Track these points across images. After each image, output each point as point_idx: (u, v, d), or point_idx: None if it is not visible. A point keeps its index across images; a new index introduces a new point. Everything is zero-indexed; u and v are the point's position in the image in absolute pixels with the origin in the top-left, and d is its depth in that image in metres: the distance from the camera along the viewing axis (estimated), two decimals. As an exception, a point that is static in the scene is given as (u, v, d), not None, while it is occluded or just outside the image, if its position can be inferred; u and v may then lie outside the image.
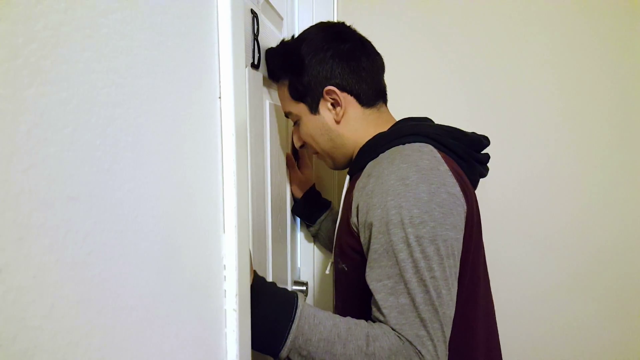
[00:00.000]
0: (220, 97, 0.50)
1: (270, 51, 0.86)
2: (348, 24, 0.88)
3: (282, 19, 1.04)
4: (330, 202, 1.17)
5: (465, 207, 0.70)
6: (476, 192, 0.81)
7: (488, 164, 0.85)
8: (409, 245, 0.64)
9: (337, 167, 0.94)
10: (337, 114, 0.84)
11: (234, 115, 0.51)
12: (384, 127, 0.83)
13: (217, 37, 0.50)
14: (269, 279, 0.86)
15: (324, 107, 0.84)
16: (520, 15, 1.16)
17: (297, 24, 1.18)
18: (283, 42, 0.87)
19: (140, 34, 0.34)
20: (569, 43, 1.15)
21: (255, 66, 0.77)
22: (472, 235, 0.73)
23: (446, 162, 0.71)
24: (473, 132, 0.83)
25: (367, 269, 0.68)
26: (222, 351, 0.52)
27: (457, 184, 0.69)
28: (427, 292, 0.63)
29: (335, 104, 0.83)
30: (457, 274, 0.68)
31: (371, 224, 0.68)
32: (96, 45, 0.29)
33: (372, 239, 0.68)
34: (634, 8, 1.11)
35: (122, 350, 0.32)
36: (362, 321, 0.67)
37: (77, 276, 0.27)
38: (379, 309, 0.65)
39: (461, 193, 0.69)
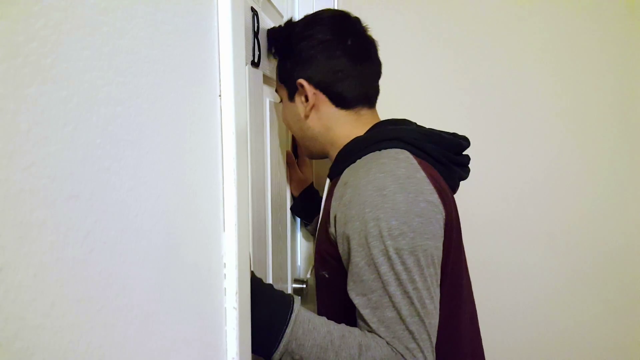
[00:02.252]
0: (220, 95, 0.50)
1: (273, 28, 0.86)
2: (361, 21, 0.84)
3: (282, 16, 1.04)
4: None
5: (444, 214, 0.69)
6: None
7: (469, 166, 0.84)
8: (389, 258, 0.63)
9: (311, 156, 0.94)
10: (305, 108, 0.83)
11: (234, 114, 0.51)
12: (362, 130, 0.81)
13: (217, 35, 0.50)
14: (269, 276, 0.86)
15: (298, 98, 0.84)
16: (519, 15, 1.15)
17: (297, 22, 1.17)
18: (288, 21, 0.86)
19: (141, 32, 0.34)
20: (570, 43, 1.15)
21: (255, 64, 0.77)
22: (452, 241, 0.72)
23: (423, 168, 0.70)
24: (453, 134, 0.82)
25: (350, 283, 0.68)
26: (222, 349, 0.52)
27: (434, 191, 0.68)
28: (412, 304, 0.63)
29: (306, 98, 0.82)
30: (439, 282, 0.68)
31: (349, 237, 0.67)
32: (96, 44, 0.29)
33: (351, 252, 0.67)
34: (634, 8, 1.11)
35: (123, 348, 0.33)
36: (356, 330, 0.67)
37: (77, 275, 0.27)
38: (366, 324, 0.65)
39: (439, 200, 0.69)
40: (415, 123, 0.85)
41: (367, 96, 0.84)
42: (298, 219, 1.22)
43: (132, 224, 0.33)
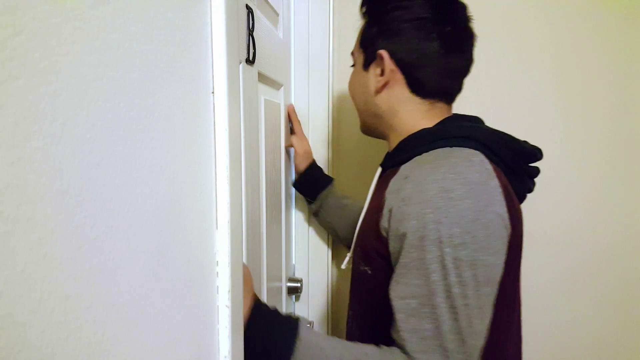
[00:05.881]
0: (213, 92, 0.50)
1: None
2: (467, 8, 0.75)
3: (277, 14, 1.03)
4: (332, 178, 1.12)
5: (510, 230, 0.63)
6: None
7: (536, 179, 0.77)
8: (444, 267, 0.57)
9: (364, 131, 0.87)
10: (377, 82, 0.75)
11: (228, 111, 0.50)
12: (431, 122, 0.74)
13: (211, 31, 0.49)
14: (263, 275, 0.86)
15: (373, 69, 0.76)
16: (519, 14, 1.16)
17: (292, 20, 1.17)
18: None
19: (132, 27, 0.34)
20: (570, 43, 1.16)
21: (250, 61, 0.77)
22: (514, 260, 0.67)
23: (497, 176, 0.63)
24: (525, 142, 0.74)
25: (392, 282, 0.63)
26: (215, 348, 0.52)
27: (505, 203, 0.62)
28: (457, 320, 0.57)
29: (382, 72, 0.74)
30: (493, 302, 0.61)
31: (404, 235, 0.61)
32: (86, 38, 0.29)
33: (402, 251, 0.61)
34: (634, 8, 1.11)
35: (113, 346, 0.32)
36: (372, 349, 0.62)
37: (66, 271, 0.27)
38: (397, 331, 0.60)
39: (507, 214, 0.62)
40: (483, 121, 0.78)
41: (448, 91, 0.76)
42: (293, 217, 1.21)
43: (123, 220, 0.33)
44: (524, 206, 0.75)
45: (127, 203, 0.34)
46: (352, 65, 0.85)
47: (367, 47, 0.77)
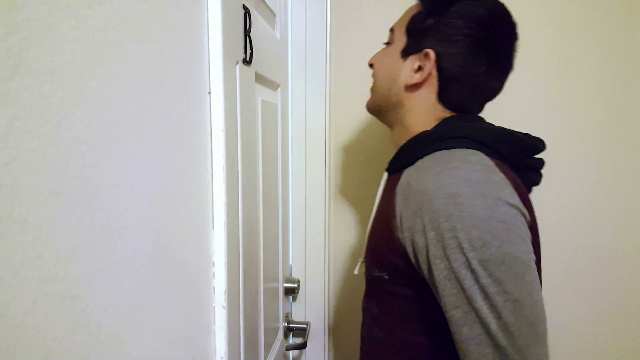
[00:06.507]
0: (209, 93, 0.50)
1: None
2: (517, 34, 0.74)
3: (274, 15, 1.03)
4: None
5: (528, 217, 0.63)
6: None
7: (542, 170, 0.76)
8: (473, 271, 0.57)
9: (371, 108, 0.84)
10: (410, 77, 0.73)
11: (224, 111, 0.50)
12: (430, 124, 0.74)
13: (207, 31, 0.49)
14: (260, 276, 0.86)
15: (412, 61, 0.74)
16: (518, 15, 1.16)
17: (290, 21, 1.17)
18: None
19: (128, 27, 0.34)
20: (570, 42, 1.16)
21: (247, 62, 0.77)
22: (535, 246, 0.66)
23: (500, 169, 0.63)
24: (527, 134, 0.74)
25: (438, 298, 0.63)
26: (211, 348, 0.52)
27: (515, 193, 0.61)
28: (500, 318, 0.57)
29: (420, 69, 0.72)
30: (540, 285, 0.61)
31: (426, 248, 0.61)
32: (82, 38, 0.28)
33: (431, 265, 0.61)
34: (634, 8, 1.12)
35: (109, 347, 0.32)
36: None
37: (61, 272, 0.27)
38: (457, 343, 0.60)
39: (521, 203, 0.62)
40: (483, 119, 0.76)
41: (469, 109, 0.76)
42: (290, 218, 1.21)
43: (118, 221, 0.33)
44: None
45: (123, 204, 0.34)
46: (387, 43, 0.81)
47: (414, 36, 0.74)
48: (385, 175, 0.81)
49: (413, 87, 0.75)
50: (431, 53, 0.71)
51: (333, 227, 1.26)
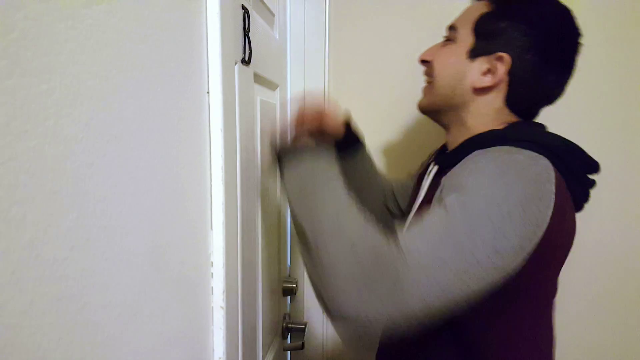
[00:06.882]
0: (208, 93, 0.50)
1: None
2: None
3: (273, 15, 1.03)
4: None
5: (543, 233, 0.58)
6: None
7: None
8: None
9: (425, 108, 0.81)
10: (480, 81, 0.71)
11: (223, 111, 0.50)
12: (498, 125, 0.72)
13: (206, 31, 0.49)
14: (259, 276, 0.86)
15: (481, 64, 0.71)
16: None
17: (288, 21, 1.17)
18: None
19: (126, 26, 0.34)
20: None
21: (245, 62, 0.77)
22: (554, 260, 0.68)
23: (557, 184, 0.60)
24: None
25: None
26: (209, 349, 0.52)
27: (551, 209, 0.59)
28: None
29: (490, 71, 0.70)
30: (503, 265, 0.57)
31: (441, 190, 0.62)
32: (80, 37, 0.28)
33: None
34: (634, 8, 1.12)
35: (106, 348, 0.32)
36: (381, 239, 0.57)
37: (58, 272, 0.27)
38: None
39: (547, 223, 0.59)
40: (546, 126, 0.76)
41: (530, 114, 0.75)
42: (288, 219, 1.21)
43: (116, 221, 0.33)
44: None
45: (121, 204, 0.33)
46: (447, 39, 0.78)
47: (484, 38, 0.71)
48: (435, 169, 0.77)
49: (482, 90, 0.72)
50: (507, 57, 0.68)
51: (331, 228, 1.25)
